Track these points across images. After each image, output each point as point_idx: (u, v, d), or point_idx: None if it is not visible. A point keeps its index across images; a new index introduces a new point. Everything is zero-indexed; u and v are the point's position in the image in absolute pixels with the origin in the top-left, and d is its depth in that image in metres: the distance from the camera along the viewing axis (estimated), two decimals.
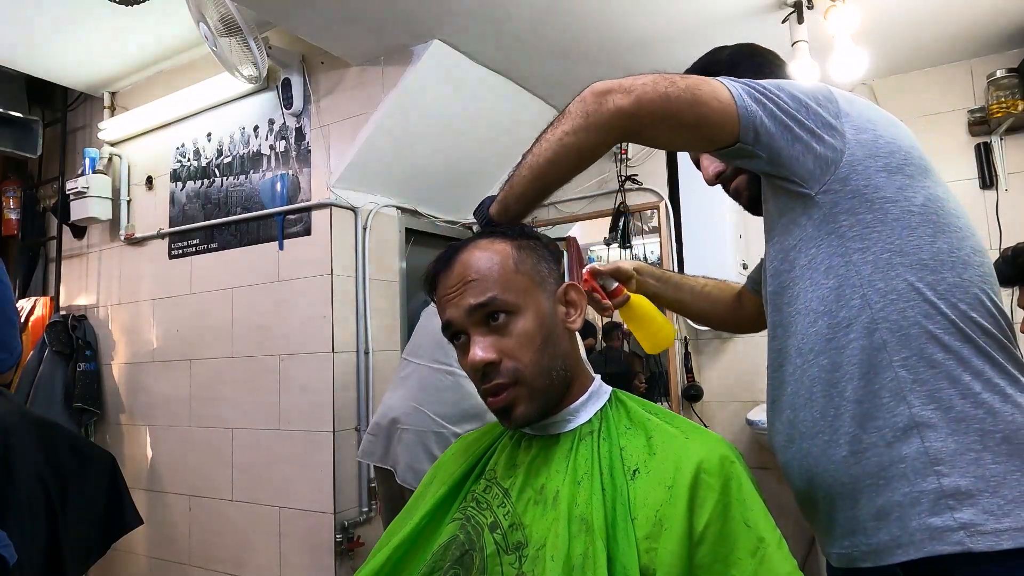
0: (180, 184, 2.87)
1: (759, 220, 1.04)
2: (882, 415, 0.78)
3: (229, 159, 2.71)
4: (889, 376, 0.78)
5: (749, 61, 1.03)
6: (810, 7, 2.09)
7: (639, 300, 1.21)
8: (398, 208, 2.69)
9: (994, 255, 1.54)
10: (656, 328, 1.20)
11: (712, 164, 1.05)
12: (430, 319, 2.04)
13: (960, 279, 0.80)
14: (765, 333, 1.03)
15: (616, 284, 1.20)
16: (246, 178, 2.65)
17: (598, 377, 0.91)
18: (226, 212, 2.68)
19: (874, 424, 0.79)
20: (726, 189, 1.06)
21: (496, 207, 0.91)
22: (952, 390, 0.77)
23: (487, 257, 0.83)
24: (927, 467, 0.76)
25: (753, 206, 1.02)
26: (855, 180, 0.82)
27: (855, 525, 0.82)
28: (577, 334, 0.90)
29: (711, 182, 1.07)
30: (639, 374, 2.80)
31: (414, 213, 2.77)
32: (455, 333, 0.84)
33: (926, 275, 0.80)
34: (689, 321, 2.75)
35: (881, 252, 0.81)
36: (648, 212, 2.82)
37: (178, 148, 2.90)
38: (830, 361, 0.83)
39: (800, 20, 2.10)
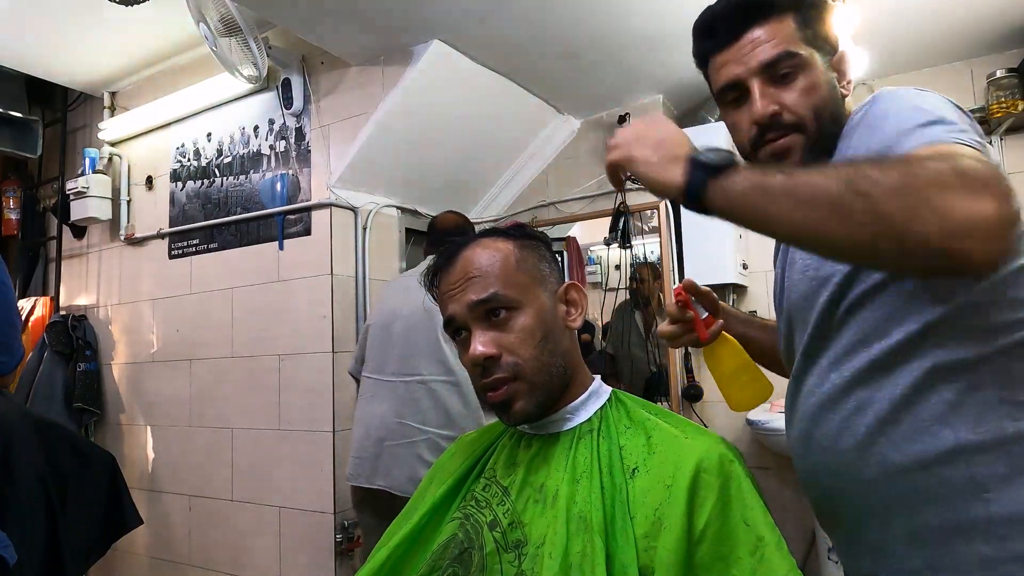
0: (180, 184, 2.87)
1: None
2: (922, 438, 0.73)
3: (229, 159, 2.71)
4: (933, 398, 0.72)
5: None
6: None
7: (733, 342, 0.99)
8: (398, 208, 2.69)
9: None
10: (749, 378, 0.98)
11: (766, 102, 0.83)
12: (384, 331, 2.04)
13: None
14: None
15: (707, 313, 0.99)
16: (246, 178, 2.65)
17: (598, 377, 0.91)
18: (226, 212, 2.68)
19: (912, 447, 0.73)
20: (762, 144, 0.84)
21: (728, 183, 0.67)
22: (1001, 411, 0.71)
23: (489, 255, 0.84)
24: (974, 493, 0.70)
25: None
26: None
27: (883, 546, 0.77)
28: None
29: (761, 121, 0.83)
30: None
31: (414, 213, 2.77)
32: (457, 329, 0.85)
33: None
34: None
35: None
36: (648, 212, 2.82)
37: (178, 148, 2.90)
38: (869, 377, 0.76)
39: None
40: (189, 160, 2.85)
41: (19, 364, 1.23)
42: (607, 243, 2.84)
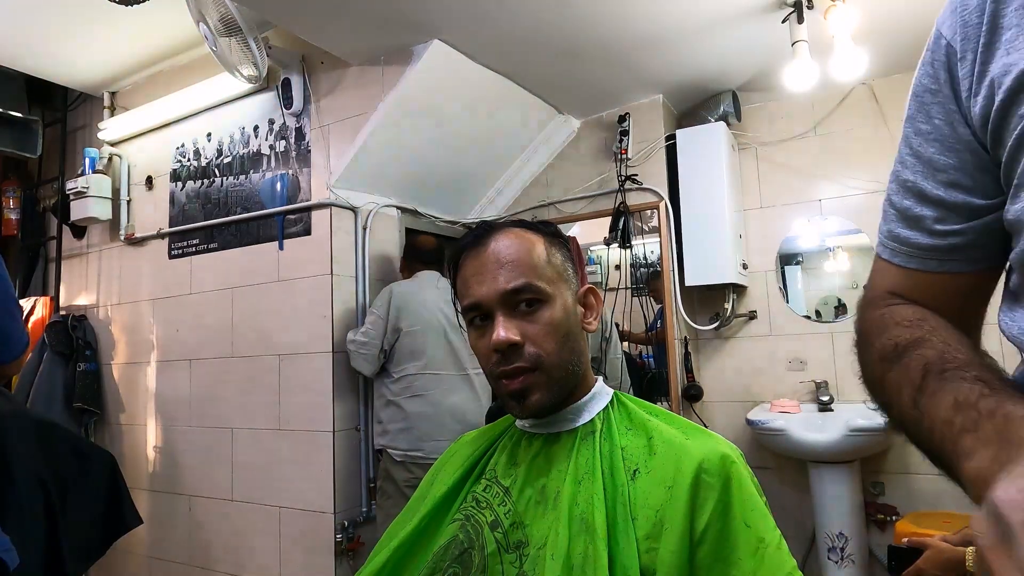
0: (180, 184, 2.87)
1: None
2: None
3: (229, 159, 2.71)
4: None
5: None
6: (810, 7, 2.09)
7: None
8: (398, 208, 2.69)
9: None
10: None
11: None
12: (437, 334, 2.31)
13: None
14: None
15: None
16: (246, 178, 2.65)
17: (600, 379, 0.91)
18: (226, 212, 2.68)
19: None
20: None
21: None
22: None
23: (521, 243, 0.84)
24: None
25: None
26: None
27: None
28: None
29: None
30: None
31: (414, 213, 2.77)
32: (481, 313, 0.83)
33: None
34: (687, 319, 2.75)
35: None
36: (648, 212, 2.82)
37: (178, 148, 2.90)
38: None
39: (800, 20, 2.10)
40: (189, 160, 2.85)
41: (23, 353, 1.22)
42: (607, 243, 2.84)
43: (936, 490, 2.40)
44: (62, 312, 3.15)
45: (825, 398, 2.50)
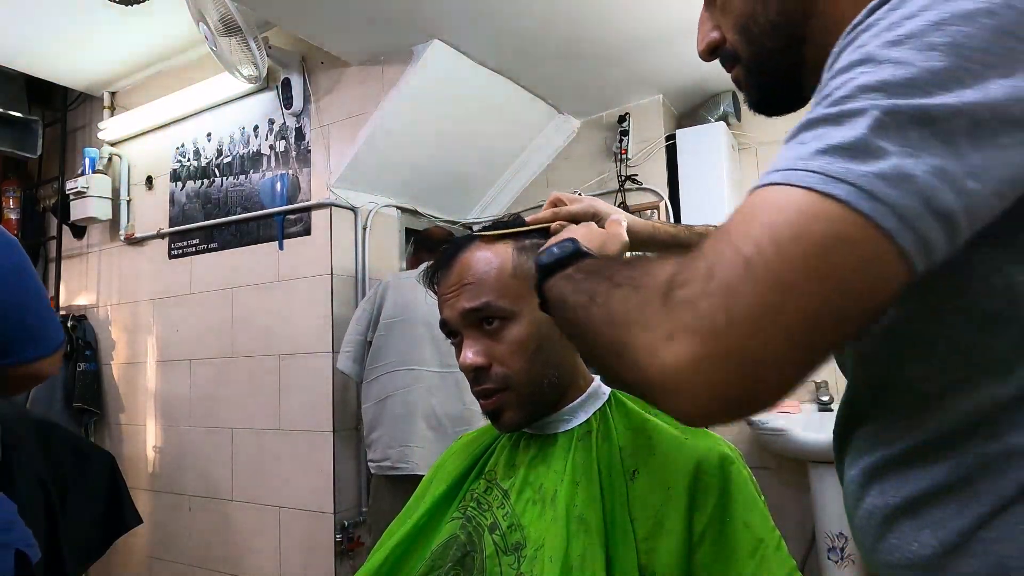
0: (180, 184, 2.87)
1: None
2: None
3: (229, 159, 2.71)
4: None
5: None
6: None
7: None
8: (398, 208, 2.69)
9: None
10: None
11: (705, 29, 0.70)
12: (410, 327, 2.10)
13: None
14: None
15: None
16: (246, 178, 2.65)
17: (597, 378, 0.90)
18: (226, 212, 2.68)
19: None
20: (727, 69, 0.70)
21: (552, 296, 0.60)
22: None
23: (486, 260, 0.83)
24: None
25: (760, 105, 0.67)
26: None
27: None
28: None
29: (704, 56, 0.71)
30: None
31: (414, 213, 2.77)
32: (450, 332, 0.85)
33: None
34: None
35: None
36: (648, 212, 2.81)
37: (178, 148, 2.90)
38: None
39: None
40: (189, 160, 2.85)
41: (56, 350, 1.16)
42: None
43: None
44: (62, 312, 3.15)
45: (825, 398, 2.50)
